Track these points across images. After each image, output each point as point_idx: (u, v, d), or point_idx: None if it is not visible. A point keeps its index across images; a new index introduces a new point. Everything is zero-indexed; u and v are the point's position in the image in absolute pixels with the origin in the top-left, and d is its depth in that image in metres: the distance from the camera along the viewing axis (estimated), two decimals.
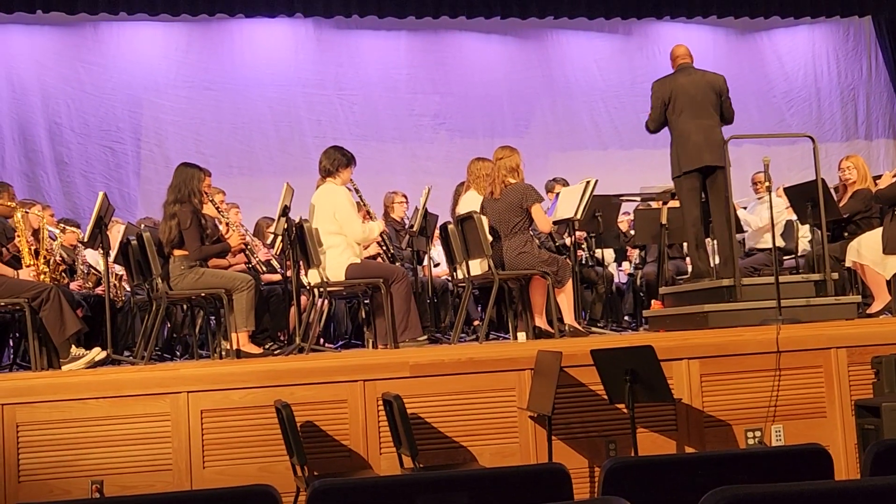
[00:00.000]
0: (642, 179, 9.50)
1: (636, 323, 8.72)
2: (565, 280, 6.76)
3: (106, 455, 5.13)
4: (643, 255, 9.21)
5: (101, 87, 11.56)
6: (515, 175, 6.91)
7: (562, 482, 2.97)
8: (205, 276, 6.38)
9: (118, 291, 7.90)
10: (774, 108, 13.26)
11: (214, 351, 6.85)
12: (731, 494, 2.27)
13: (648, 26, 13.08)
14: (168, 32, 11.86)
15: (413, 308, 6.53)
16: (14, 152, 11.25)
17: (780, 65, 13.46)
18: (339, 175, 6.73)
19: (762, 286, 6.40)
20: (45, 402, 5.14)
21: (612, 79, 12.88)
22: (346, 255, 6.55)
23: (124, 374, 5.56)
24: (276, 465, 5.16)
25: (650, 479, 3.02)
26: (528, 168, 7.24)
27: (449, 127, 12.41)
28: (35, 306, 5.96)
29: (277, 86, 12.02)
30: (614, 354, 5.15)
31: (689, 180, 6.71)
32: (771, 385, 5.60)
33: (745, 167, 9.83)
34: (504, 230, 6.81)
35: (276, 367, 5.49)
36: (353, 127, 12.06)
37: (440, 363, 5.46)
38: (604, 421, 5.46)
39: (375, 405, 5.30)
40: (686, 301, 6.71)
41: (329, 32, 12.26)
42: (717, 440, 5.54)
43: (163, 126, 11.68)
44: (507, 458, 5.37)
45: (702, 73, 6.87)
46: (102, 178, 11.33)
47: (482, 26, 12.58)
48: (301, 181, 7.58)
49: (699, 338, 5.81)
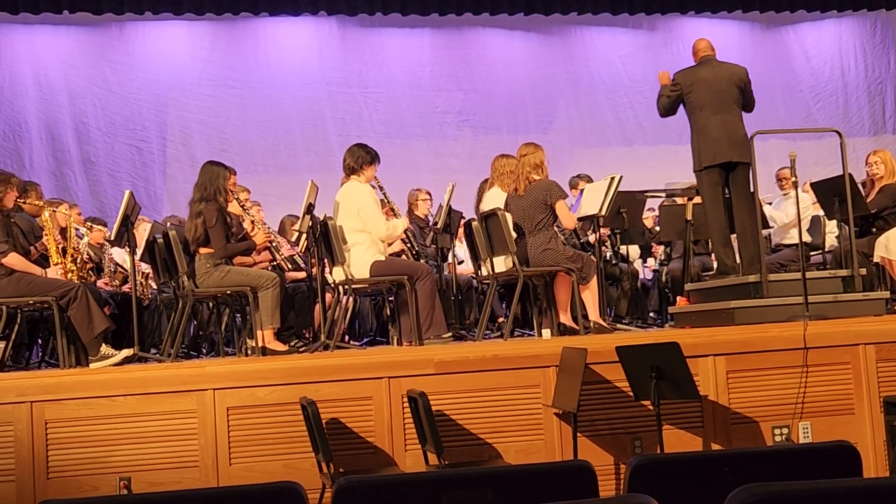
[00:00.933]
0: (667, 175, 9.43)
1: (661, 320, 8.69)
2: (590, 276, 6.74)
3: (134, 452, 5.17)
4: (668, 252, 9.17)
5: (127, 87, 11.64)
6: (539, 172, 6.89)
7: (587, 479, 2.96)
8: (230, 274, 6.41)
9: (145, 289, 7.95)
10: (801, 103, 13.15)
11: (240, 348, 6.88)
12: (758, 492, 2.26)
13: (673, 21, 13.01)
14: (193, 31, 11.93)
15: (438, 305, 6.53)
16: (42, 152, 11.35)
17: (807, 59, 13.35)
18: (363, 173, 6.74)
19: (789, 282, 6.35)
20: (73, 399, 5.18)
21: (637, 75, 12.82)
22: (370, 252, 6.56)
23: (151, 371, 5.60)
24: (301, 462, 5.18)
25: (676, 477, 3.00)
26: (552, 164, 7.22)
27: (473, 124, 12.40)
28: (63, 304, 6.02)
29: (302, 84, 12.06)
30: (639, 351, 5.13)
31: (709, 176, 6.67)
32: (798, 382, 5.56)
33: (771, 163, 9.76)
34: (528, 227, 6.80)
35: (302, 365, 5.51)
36: (377, 125, 12.07)
37: (465, 360, 5.46)
38: (629, 418, 5.44)
39: (400, 402, 5.31)
40: (712, 297, 6.67)
41: (353, 30, 12.28)
42: (744, 437, 5.51)
43: (188, 125, 11.75)
44: (532, 455, 5.36)
45: (724, 65, 6.82)
46: (129, 177, 11.41)
47: (506, 23, 12.56)
48: (325, 179, 7.60)
49: (725, 334, 5.77)
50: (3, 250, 6.01)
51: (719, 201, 6.70)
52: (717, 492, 2.50)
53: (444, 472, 4.28)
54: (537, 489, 2.93)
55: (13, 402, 5.12)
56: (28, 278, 6.09)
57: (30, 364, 7.33)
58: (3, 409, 5.12)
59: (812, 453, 3.18)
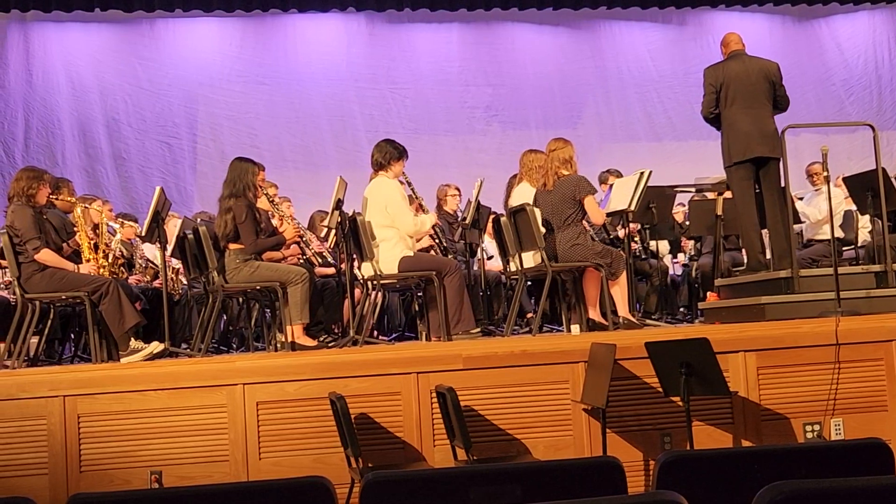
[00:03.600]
0: (697, 170, 9.37)
1: (691, 315, 8.63)
2: (619, 272, 6.71)
3: (164, 446, 5.21)
4: (698, 247, 9.11)
5: (158, 84, 11.73)
6: (568, 167, 6.87)
7: (616, 475, 2.95)
8: (260, 270, 6.44)
9: (175, 285, 8.01)
10: (833, 97, 13.01)
11: (270, 343, 6.92)
12: (789, 489, 2.24)
13: (703, 15, 12.92)
14: (222, 28, 12.00)
15: (466, 301, 6.53)
16: (74, 148, 11.46)
17: (840, 52, 13.20)
18: (392, 168, 6.75)
19: (821, 278, 6.28)
20: (105, 393, 5.23)
21: (666, 69, 12.75)
22: (398, 248, 6.57)
23: (182, 366, 5.64)
24: (330, 457, 5.19)
25: (705, 473, 2.99)
26: (581, 160, 7.19)
27: (501, 119, 12.38)
28: (95, 300, 6.08)
29: (330, 80, 12.09)
30: (669, 347, 5.10)
31: (740, 171, 6.61)
32: (830, 378, 5.50)
33: (802, 157, 9.66)
34: (557, 222, 6.78)
35: (331, 360, 5.52)
36: (405, 120, 12.08)
37: (493, 356, 5.45)
38: (658, 414, 5.41)
39: (429, 397, 5.32)
40: (742, 293, 6.62)
41: (381, 26, 12.30)
42: (775, 434, 5.47)
43: (218, 121, 11.82)
44: (560, 450, 5.35)
45: (754, 60, 6.76)
46: (159, 173, 11.50)
47: (534, 17, 12.53)
48: (354, 175, 7.61)
49: (756, 330, 5.73)
50: (35, 246, 6.08)
51: (750, 197, 6.64)
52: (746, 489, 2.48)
53: (473, 467, 4.29)
54: (566, 485, 2.93)
55: (46, 396, 5.18)
56: (60, 274, 6.15)
57: (63, 359, 7.41)
58: (36, 403, 5.18)
59: (844, 450, 3.15)
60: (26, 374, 5.50)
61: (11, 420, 5.16)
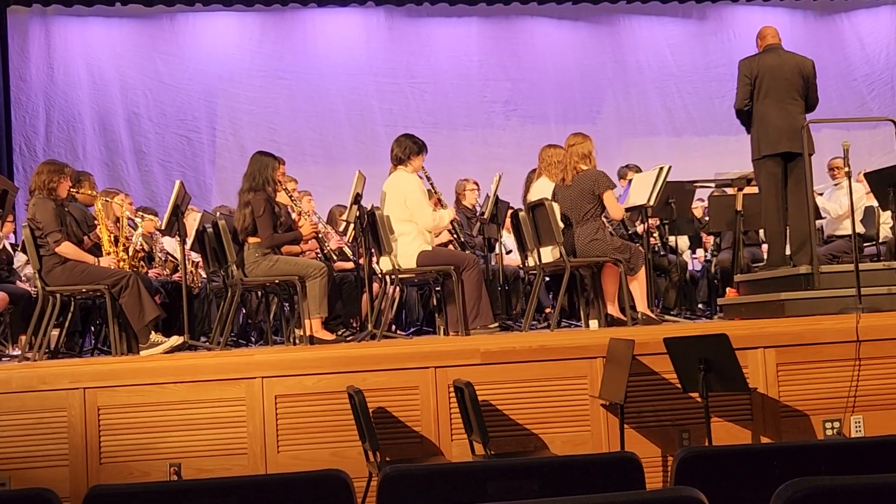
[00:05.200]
0: (716, 165, 9.32)
1: (710, 311, 8.60)
2: (638, 267, 6.69)
3: (183, 438, 5.24)
4: (718, 242, 9.08)
5: (178, 78, 11.79)
6: (587, 162, 6.85)
7: (634, 471, 2.94)
8: (279, 264, 6.46)
9: (195, 278, 8.05)
10: (855, 92, 12.92)
11: (288, 337, 6.94)
12: (808, 486, 2.22)
13: (723, 9, 12.86)
14: (242, 22, 12.04)
15: (484, 295, 6.53)
16: (95, 142, 11.54)
17: (861, 47, 13.10)
18: (411, 163, 6.75)
19: (841, 274, 6.25)
20: (124, 386, 5.26)
21: (686, 64, 12.69)
22: (417, 242, 6.57)
23: (201, 359, 5.66)
24: (348, 451, 5.21)
25: (724, 470, 2.97)
26: (600, 154, 7.17)
27: (520, 114, 12.36)
28: (115, 293, 6.11)
29: (349, 75, 12.11)
30: (688, 343, 5.08)
31: (768, 163, 6.57)
32: (850, 375, 5.47)
33: (823, 152, 9.58)
34: (576, 217, 6.77)
35: (349, 354, 5.53)
36: (424, 115, 12.09)
37: (511, 350, 5.45)
38: (677, 410, 5.39)
39: (447, 392, 5.32)
40: (762, 289, 6.59)
41: (400, 21, 12.30)
42: (794, 431, 5.44)
43: (237, 115, 11.87)
44: (578, 446, 5.34)
45: (790, 55, 6.71)
46: (179, 167, 11.56)
47: (553, 12, 12.51)
48: (373, 169, 7.62)
49: (776, 326, 5.70)
50: (56, 239, 6.11)
51: (776, 191, 6.59)
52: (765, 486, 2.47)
53: (490, 462, 4.29)
54: (583, 480, 2.92)
55: (67, 388, 5.21)
56: (81, 267, 6.18)
57: (83, 351, 7.45)
58: (57, 396, 5.21)
59: (864, 447, 3.13)
60: (47, 367, 5.53)
61: (32, 412, 5.20)
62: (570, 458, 3.78)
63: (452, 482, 2.91)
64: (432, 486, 2.89)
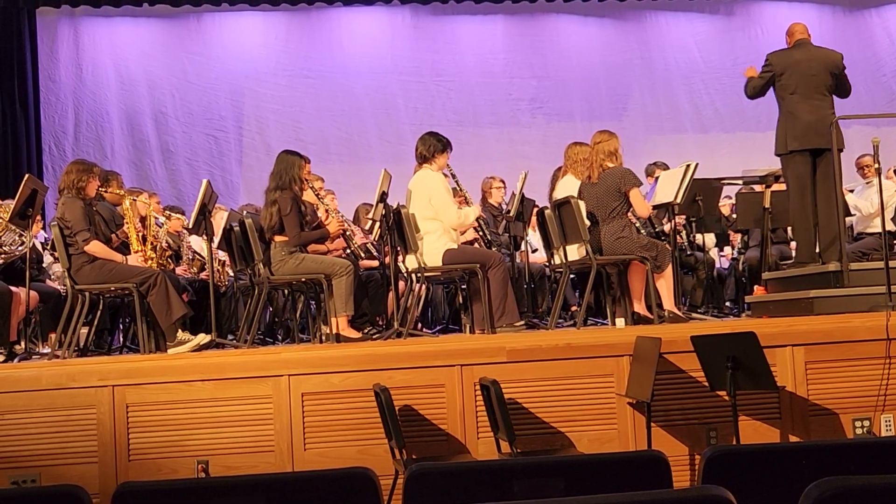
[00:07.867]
0: (744, 162, 9.26)
1: (738, 309, 8.55)
2: (664, 265, 6.66)
3: (211, 436, 5.27)
4: (745, 240, 9.02)
5: (205, 77, 11.86)
6: (614, 159, 6.82)
7: (661, 469, 2.93)
8: (305, 262, 6.48)
9: (222, 276, 8.09)
10: (884, 88, 12.78)
11: (315, 335, 6.96)
12: (837, 486, 2.20)
13: (751, 5, 12.76)
14: (268, 22, 12.09)
15: (510, 293, 6.52)
16: (122, 141, 11.63)
17: (891, 42, 12.96)
18: (436, 161, 6.75)
19: (871, 271, 6.19)
20: (153, 383, 5.29)
21: (713, 60, 12.61)
22: (443, 240, 6.57)
23: (228, 357, 5.69)
24: (374, 448, 5.22)
25: (752, 468, 2.95)
26: (626, 152, 7.14)
27: (546, 111, 12.33)
28: (143, 291, 6.15)
29: (375, 73, 12.13)
30: (715, 341, 5.05)
31: (796, 158, 6.51)
32: (881, 373, 5.41)
33: (852, 149, 9.47)
34: (602, 215, 6.74)
35: (375, 352, 5.54)
36: (449, 113, 12.08)
37: (537, 349, 5.44)
38: (704, 408, 5.36)
39: (473, 390, 5.32)
40: (790, 286, 6.54)
41: (426, 19, 12.30)
42: (823, 429, 5.39)
43: (264, 114, 11.92)
44: (605, 444, 5.33)
45: (819, 50, 6.67)
46: (206, 166, 11.63)
47: (579, 9, 12.46)
48: (398, 167, 7.63)
49: (804, 324, 5.66)
50: (85, 238, 6.17)
51: (804, 187, 6.54)
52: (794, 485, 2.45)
53: (516, 460, 4.28)
54: (610, 479, 2.91)
55: (96, 385, 5.25)
56: (109, 265, 6.24)
57: (112, 349, 7.52)
58: (86, 393, 5.26)
59: (894, 447, 3.10)
60: (76, 364, 5.58)
61: (62, 409, 5.24)
62: (596, 457, 3.77)
63: (478, 480, 2.91)
64: (458, 483, 2.89)
